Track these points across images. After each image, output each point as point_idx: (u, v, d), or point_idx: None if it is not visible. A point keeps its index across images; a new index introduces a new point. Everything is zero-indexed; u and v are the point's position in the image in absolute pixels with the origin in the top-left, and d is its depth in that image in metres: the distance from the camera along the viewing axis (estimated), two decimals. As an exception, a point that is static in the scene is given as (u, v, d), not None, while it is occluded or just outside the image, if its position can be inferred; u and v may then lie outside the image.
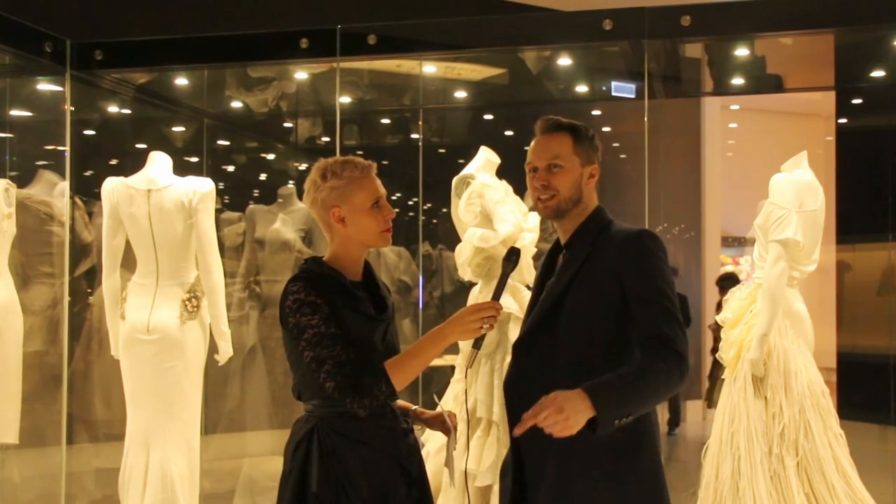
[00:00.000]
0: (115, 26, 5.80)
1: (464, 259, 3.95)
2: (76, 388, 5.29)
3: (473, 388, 3.79)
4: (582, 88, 5.72)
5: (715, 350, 7.35)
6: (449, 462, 2.44)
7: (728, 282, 7.53)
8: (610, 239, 2.25)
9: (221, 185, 6.05)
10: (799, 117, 9.68)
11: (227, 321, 4.19)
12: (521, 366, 2.29)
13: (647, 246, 2.21)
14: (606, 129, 7.97)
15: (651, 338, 2.13)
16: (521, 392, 2.26)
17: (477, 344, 2.28)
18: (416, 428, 2.48)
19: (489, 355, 3.79)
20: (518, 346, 2.32)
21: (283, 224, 5.72)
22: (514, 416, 2.29)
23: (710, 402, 7.50)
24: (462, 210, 3.97)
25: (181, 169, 4.28)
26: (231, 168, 7.11)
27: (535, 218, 4.01)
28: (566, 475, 2.16)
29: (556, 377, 2.17)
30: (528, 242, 3.90)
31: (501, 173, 4.16)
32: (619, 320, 2.18)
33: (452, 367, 4.13)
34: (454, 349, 3.71)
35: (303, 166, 6.89)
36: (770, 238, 3.97)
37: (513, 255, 2.34)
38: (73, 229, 5.04)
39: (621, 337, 2.18)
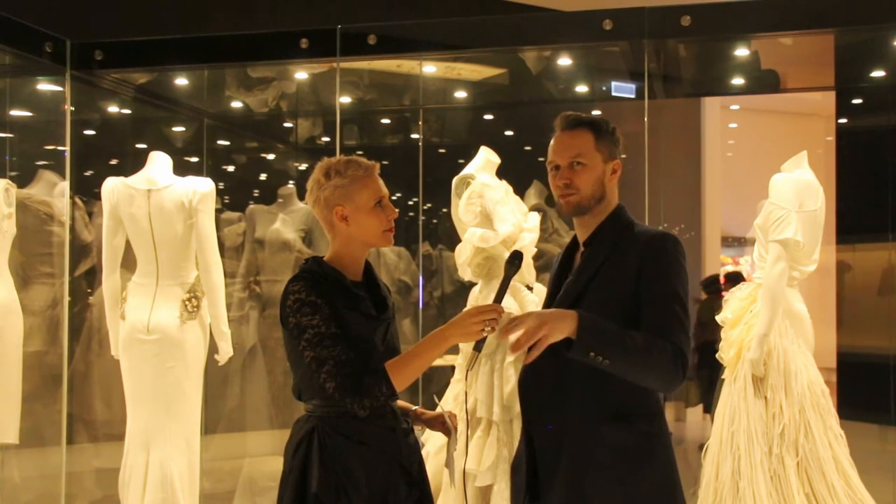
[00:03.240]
0: (115, 26, 5.81)
1: (464, 259, 3.94)
2: (76, 388, 5.29)
3: (473, 389, 3.79)
4: (582, 88, 5.72)
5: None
6: (449, 462, 2.44)
7: (712, 285, 7.56)
8: (632, 240, 2.24)
9: (221, 185, 6.04)
10: (799, 117, 9.68)
11: (227, 321, 4.19)
12: (535, 366, 2.27)
13: (668, 250, 2.20)
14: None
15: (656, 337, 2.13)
16: (534, 390, 2.27)
17: (478, 346, 2.27)
18: (417, 428, 2.48)
19: (489, 355, 3.79)
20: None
21: (283, 224, 5.72)
22: (527, 413, 2.30)
23: (688, 402, 7.56)
24: (462, 210, 3.97)
25: (181, 169, 4.28)
26: (231, 168, 7.11)
27: (535, 218, 4.01)
28: (580, 475, 2.16)
29: (570, 377, 2.18)
30: (528, 242, 3.90)
31: (501, 173, 4.16)
32: (636, 323, 2.17)
33: (452, 367, 4.13)
34: (455, 349, 3.71)
35: (303, 166, 6.89)
36: (770, 238, 3.97)
37: (515, 259, 2.33)
38: (73, 229, 5.04)
39: None
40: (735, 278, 7.21)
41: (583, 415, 2.17)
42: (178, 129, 6.27)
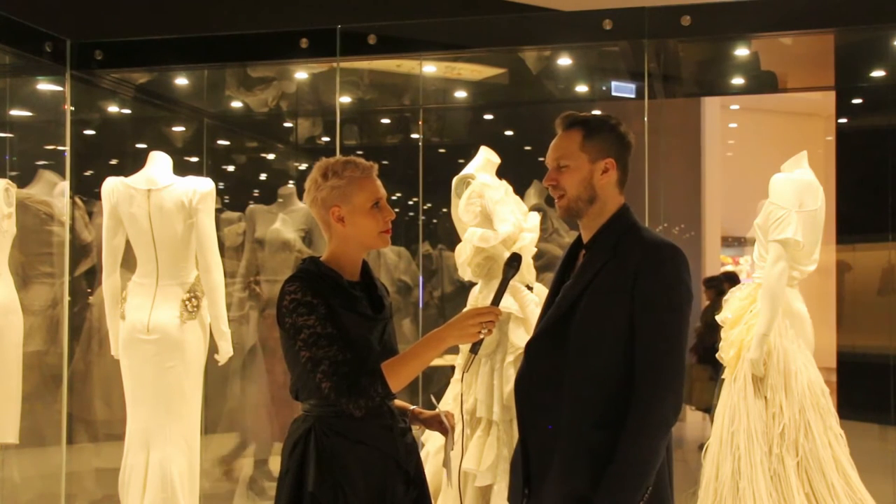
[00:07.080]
0: (115, 26, 5.80)
1: (464, 259, 3.95)
2: (76, 388, 5.29)
3: (473, 389, 3.79)
4: (582, 88, 5.72)
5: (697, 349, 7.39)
6: (447, 462, 2.44)
7: (714, 282, 7.54)
8: (632, 247, 2.18)
9: (221, 185, 6.04)
10: (799, 117, 9.68)
11: (227, 321, 4.19)
12: (531, 367, 2.27)
13: (665, 264, 2.15)
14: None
15: (635, 391, 2.10)
16: (529, 393, 2.26)
17: (474, 348, 2.28)
18: (415, 428, 2.48)
19: (489, 355, 3.79)
20: (530, 347, 2.30)
21: (283, 224, 5.72)
22: (522, 416, 2.29)
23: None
24: (462, 210, 3.97)
25: (181, 169, 4.28)
26: (231, 168, 7.11)
27: (534, 218, 4.01)
28: (570, 478, 2.14)
29: (564, 381, 2.17)
30: (528, 242, 3.90)
31: (501, 173, 4.16)
32: (630, 333, 2.14)
33: (452, 367, 4.13)
34: (455, 349, 3.72)
35: (303, 166, 6.89)
36: (770, 238, 3.97)
37: (514, 262, 2.32)
38: (73, 229, 5.04)
39: (631, 348, 2.14)
40: (731, 278, 7.21)
41: (576, 418, 2.15)
42: (178, 129, 6.27)
